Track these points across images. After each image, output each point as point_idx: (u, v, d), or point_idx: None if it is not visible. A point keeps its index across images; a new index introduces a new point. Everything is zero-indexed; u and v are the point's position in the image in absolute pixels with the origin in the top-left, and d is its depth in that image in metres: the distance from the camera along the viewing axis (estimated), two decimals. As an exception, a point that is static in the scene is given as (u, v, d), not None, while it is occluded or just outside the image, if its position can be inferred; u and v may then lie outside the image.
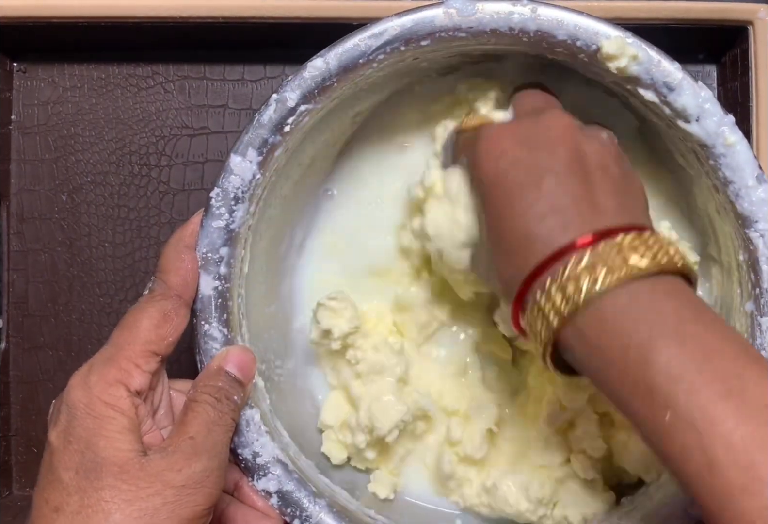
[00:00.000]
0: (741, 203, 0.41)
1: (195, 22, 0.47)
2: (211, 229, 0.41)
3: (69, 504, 0.33)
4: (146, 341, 0.37)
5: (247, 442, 0.41)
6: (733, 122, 0.41)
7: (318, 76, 0.41)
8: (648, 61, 0.41)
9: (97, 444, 0.34)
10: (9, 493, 0.51)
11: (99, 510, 0.33)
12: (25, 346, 0.52)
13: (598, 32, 0.41)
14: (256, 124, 0.41)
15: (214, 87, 0.52)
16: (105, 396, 0.35)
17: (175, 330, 0.38)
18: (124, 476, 0.33)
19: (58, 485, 0.34)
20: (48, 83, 0.52)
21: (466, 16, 0.41)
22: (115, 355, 0.36)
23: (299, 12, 0.47)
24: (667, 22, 0.47)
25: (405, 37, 0.41)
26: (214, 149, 0.52)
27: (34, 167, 0.52)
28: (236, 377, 0.39)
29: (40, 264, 0.52)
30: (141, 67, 0.52)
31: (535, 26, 0.41)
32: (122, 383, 0.36)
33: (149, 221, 0.52)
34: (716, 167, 0.41)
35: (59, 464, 0.34)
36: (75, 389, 0.35)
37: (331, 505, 0.41)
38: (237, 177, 0.41)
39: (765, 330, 0.41)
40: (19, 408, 0.52)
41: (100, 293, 0.52)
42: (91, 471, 0.33)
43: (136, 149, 0.52)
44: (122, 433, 0.35)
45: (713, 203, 0.43)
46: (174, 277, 0.40)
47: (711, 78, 0.52)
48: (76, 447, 0.34)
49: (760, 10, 0.47)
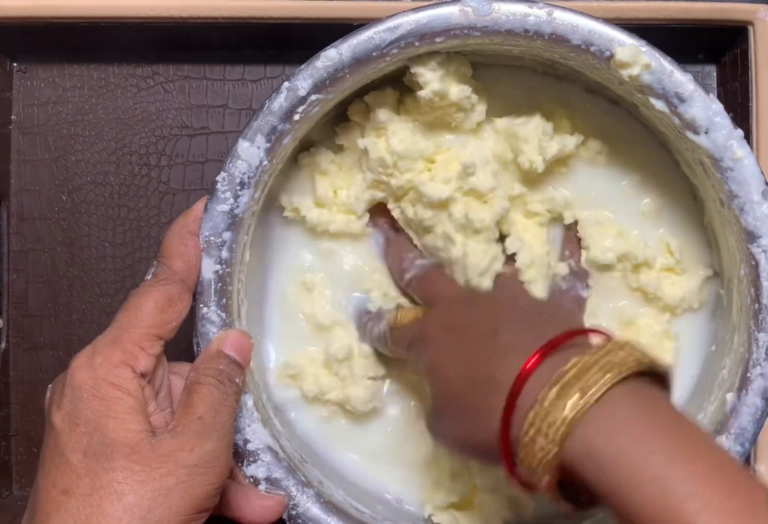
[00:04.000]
0: (745, 218, 0.41)
1: (195, 22, 0.47)
2: (215, 213, 0.41)
3: (79, 486, 0.33)
4: (150, 324, 0.37)
5: (238, 428, 0.41)
6: (741, 137, 0.41)
7: (330, 66, 0.41)
8: (660, 71, 0.41)
9: (106, 425, 0.34)
10: (9, 493, 0.51)
11: (111, 491, 0.32)
12: (25, 346, 0.52)
13: (612, 39, 0.41)
14: (266, 110, 0.41)
15: (214, 87, 0.52)
16: (111, 377, 0.35)
17: (179, 315, 0.39)
18: (135, 457, 0.33)
19: (66, 467, 0.33)
20: (48, 83, 0.52)
21: (481, 15, 0.41)
22: (119, 337, 0.37)
23: (299, 12, 0.47)
24: (667, 22, 0.47)
25: (420, 32, 0.41)
26: (214, 149, 0.52)
27: (34, 167, 0.52)
28: (235, 360, 0.39)
29: (40, 264, 0.52)
30: (141, 67, 0.52)
31: (550, 29, 0.41)
32: (128, 365, 0.36)
33: (149, 221, 0.52)
34: (722, 180, 0.41)
35: (66, 447, 0.34)
36: (79, 370, 0.35)
37: (319, 495, 0.42)
38: (244, 162, 0.41)
39: (762, 346, 0.41)
40: (19, 408, 0.52)
41: (100, 293, 0.52)
42: (100, 452, 0.33)
43: (136, 149, 0.52)
44: (131, 414, 0.34)
45: (717, 215, 0.43)
46: (178, 262, 0.40)
47: (711, 78, 0.52)
48: (84, 430, 0.34)
49: (760, 11, 0.47)
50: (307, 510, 0.41)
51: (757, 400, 0.41)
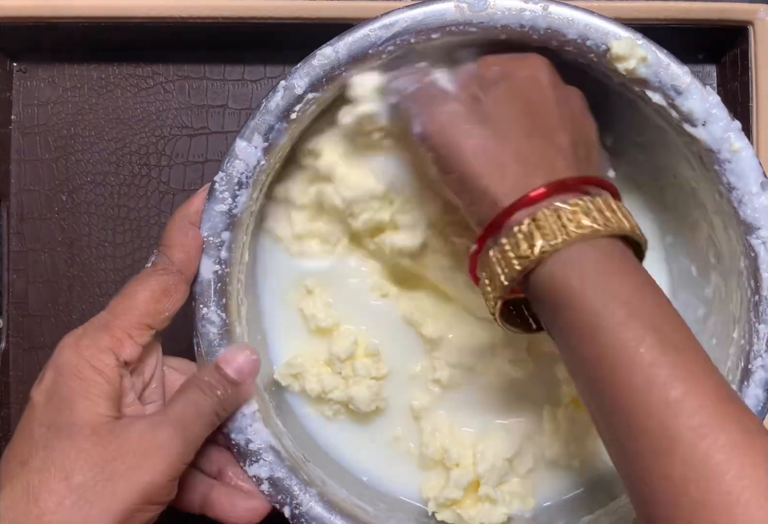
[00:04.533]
0: (744, 210, 0.41)
1: (195, 22, 0.48)
2: (214, 213, 0.41)
3: (34, 458, 0.33)
4: (143, 313, 0.38)
5: (240, 428, 0.41)
6: (739, 128, 0.41)
7: (327, 64, 0.41)
8: (657, 64, 0.41)
9: (78, 403, 0.34)
10: (9, 493, 0.51)
11: (62, 468, 0.33)
12: (25, 346, 0.52)
13: (608, 32, 0.41)
14: (263, 110, 0.41)
15: (214, 87, 0.52)
16: (94, 360, 0.36)
17: (173, 306, 0.39)
18: (94, 438, 0.34)
19: (30, 439, 0.34)
20: (48, 83, 0.52)
21: (477, 11, 0.41)
22: (110, 322, 0.37)
23: (299, 12, 0.47)
24: (667, 22, 0.47)
25: (415, 29, 0.41)
26: (214, 149, 0.52)
27: (34, 167, 0.52)
28: (228, 377, 0.40)
29: (40, 264, 0.52)
30: (141, 67, 0.52)
31: (545, 24, 0.41)
32: (113, 352, 0.36)
33: (149, 221, 0.52)
34: (720, 172, 0.41)
35: (35, 420, 0.35)
36: (65, 349, 0.36)
37: (321, 494, 0.42)
38: (241, 162, 0.41)
39: (762, 337, 0.41)
40: (19, 408, 0.51)
41: (100, 293, 0.52)
42: (63, 429, 0.34)
43: (136, 149, 0.52)
44: (103, 398, 0.35)
45: (715, 208, 0.43)
46: (178, 252, 0.40)
47: (711, 78, 0.52)
48: (56, 405, 0.35)
49: (760, 11, 0.47)
50: (310, 509, 0.41)
51: (759, 392, 0.41)
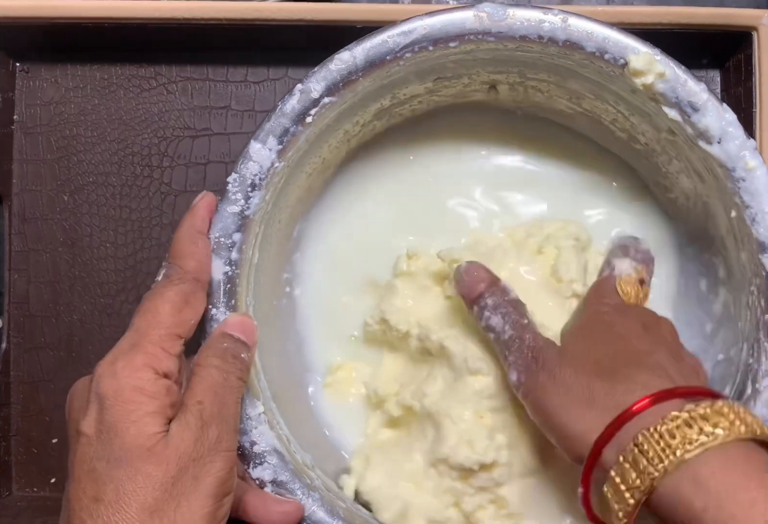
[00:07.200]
0: (757, 228, 0.41)
1: (198, 23, 0.47)
2: (226, 214, 0.41)
3: (106, 493, 0.33)
4: (170, 324, 0.37)
5: (245, 430, 0.41)
6: (754, 147, 0.41)
7: (344, 69, 0.41)
8: (674, 80, 0.41)
9: (127, 430, 0.34)
10: (9, 493, 0.51)
11: (135, 497, 0.33)
12: (26, 346, 0.52)
13: (626, 46, 0.41)
14: (278, 112, 0.41)
15: (217, 88, 0.52)
16: (134, 380, 0.35)
17: (196, 313, 0.39)
18: (153, 459, 0.34)
19: (94, 475, 0.34)
20: (50, 84, 0.52)
21: (496, 20, 0.41)
22: (139, 341, 0.37)
23: (303, 14, 0.47)
24: (671, 28, 0.47)
25: (434, 37, 0.41)
26: (217, 150, 0.52)
27: (36, 167, 0.52)
28: (239, 339, 0.39)
29: (42, 264, 0.52)
30: (144, 68, 0.52)
31: (564, 36, 0.41)
32: (150, 367, 0.36)
33: (151, 222, 0.52)
34: (734, 190, 0.41)
35: (94, 454, 0.34)
36: (103, 378, 0.36)
37: (324, 499, 0.42)
38: (255, 164, 0.41)
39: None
40: (20, 408, 0.52)
41: (102, 294, 0.52)
42: (121, 459, 0.34)
43: (138, 149, 0.52)
44: (150, 417, 0.35)
45: (728, 225, 0.43)
46: (190, 261, 0.40)
47: (714, 83, 0.52)
48: (106, 436, 0.34)
49: (764, 16, 0.47)
50: (312, 514, 0.41)
51: (765, 411, 0.41)
